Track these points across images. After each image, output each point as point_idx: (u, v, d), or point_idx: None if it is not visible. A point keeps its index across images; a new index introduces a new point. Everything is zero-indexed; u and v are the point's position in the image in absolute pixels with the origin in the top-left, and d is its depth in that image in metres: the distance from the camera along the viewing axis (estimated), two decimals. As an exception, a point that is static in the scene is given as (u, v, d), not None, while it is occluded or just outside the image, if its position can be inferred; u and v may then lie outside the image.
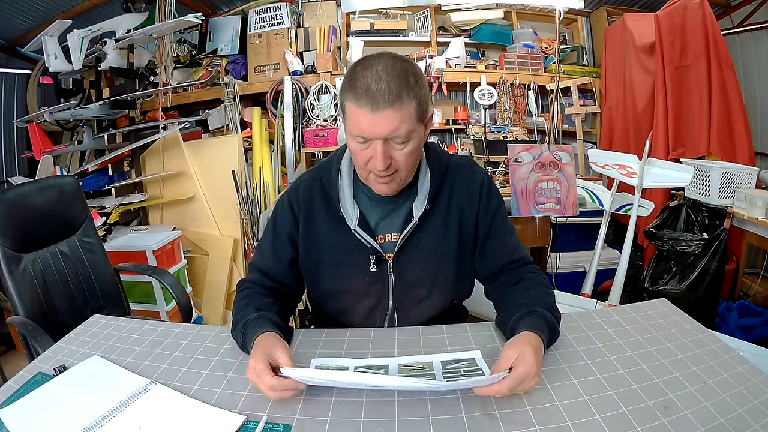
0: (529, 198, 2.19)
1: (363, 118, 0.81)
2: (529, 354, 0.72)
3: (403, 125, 0.82)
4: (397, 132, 0.82)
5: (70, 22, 2.49)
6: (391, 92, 0.79)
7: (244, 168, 2.86)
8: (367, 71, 0.81)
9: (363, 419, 0.69)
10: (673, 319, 0.97)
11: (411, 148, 0.86)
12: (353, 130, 0.84)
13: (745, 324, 2.16)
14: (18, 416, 0.71)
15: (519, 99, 3.46)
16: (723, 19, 3.32)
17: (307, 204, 0.99)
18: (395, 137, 0.83)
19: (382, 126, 0.81)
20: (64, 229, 1.64)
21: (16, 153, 3.21)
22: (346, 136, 0.89)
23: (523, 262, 1.01)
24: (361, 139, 0.84)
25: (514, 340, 0.77)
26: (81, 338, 0.96)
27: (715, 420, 0.67)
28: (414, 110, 0.83)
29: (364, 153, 0.86)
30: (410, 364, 0.82)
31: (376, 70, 0.81)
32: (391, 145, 0.84)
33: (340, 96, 0.88)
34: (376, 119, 0.80)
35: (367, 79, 0.80)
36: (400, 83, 0.80)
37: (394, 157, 0.85)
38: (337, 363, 0.83)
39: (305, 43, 3.38)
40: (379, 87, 0.79)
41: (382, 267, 0.97)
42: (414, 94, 0.82)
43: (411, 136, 0.84)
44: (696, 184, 2.36)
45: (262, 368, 0.72)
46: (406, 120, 0.82)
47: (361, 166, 0.89)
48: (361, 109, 0.81)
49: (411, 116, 0.83)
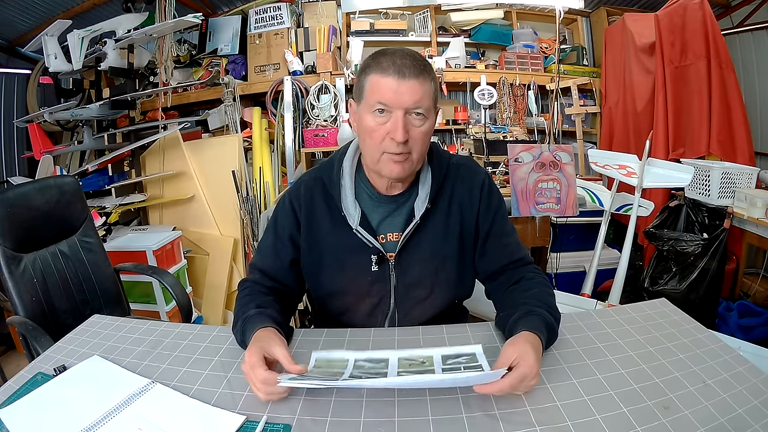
0: (529, 198, 2.19)
1: (389, 86, 0.85)
2: (530, 353, 0.72)
3: (425, 99, 0.86)
4: (420, 103, 0.86)
5: (70, 22, 2.49)
6: (416, 67, 0.85)
7: (244, 168, 2.87)
8: (390, 54, 0.87)
9: (363, 419, 0.69)
10: (673, 319, 0.97)
11: (426, 128, 0.89)
12: (375, 98, 0.86)
13: (745, 324, 2.16)
14: (18, 416, 0.71)
15: (519, 99, 3.46)
16: (723, 19, 3.32)
17: (308, 203, 0.99)
18: (417, 109, 0.86)
19: (407, 94, 0.85)
20: (64, 229, 1.64)
21: (16, 153, 3.21)
22: (361, 115, 0.90)
23: (524, 262, 1.01)
24: (381, 111, 0.86)
25: (513, 340, 0.77)
26: (81, 338, 0.96)
27: (715, 420, 0.67)
28: (432, 90, 0.88)
29: (381, 129, 0.87)
30: (410, 358, 0.82)
31: (399, 53, 0.87)
32: (409, 120, 0.87)
33: (360, 76, 0.91)
34: (402, 87, 0.84)
35: (392, 57, 0.86)
36: (421, 64, 0.87)
37: (411, 134, 0.87)
38: (338, 355, 0.83)
39: (305, 43, 3.38)
40: (404, 61, 0.85)
41: (383, 267, 0.97)
42: (432, 78, 0.88)
43: (429, 114, 0.89)
44: (696, 184, 2.36)
45: (256, 361, 0.72)
46: (427, 95, 0.87)
47: (376, 144, 0.89)
48: (387, 78, 0.85)
49: (430, 94, 0.88)
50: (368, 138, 0.90)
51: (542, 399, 0.72)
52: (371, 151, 0.91)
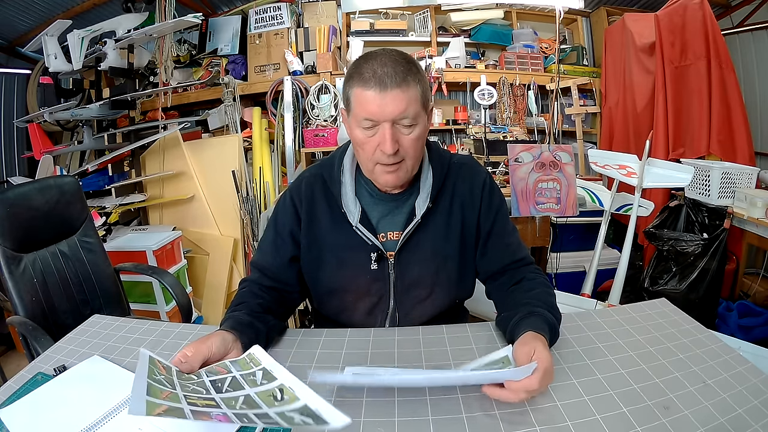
0: (529, 198, 2.19)
1: (371, 100, 0.83)
2: (544, 349, 0.73)
3: (410, 107, 0.84)
4: (405, 113, 0.84)
5: (70, 22, 2.49)
6: (397, 74, 0.82)
7: (244, 168, 2.87)
8: (371, 60, 0.85)
9: (363, 419, 0.69)
10: (673, 319, 0.97)
11: (417, 134, 0.87)
12: (361, 114, 0.85)
13: (745, 324, 2.16)
14: (18, 416, 0.71)
15: (519, 99, 3.46)
16: (723, 19, 3.32)
17: (309, 200, 0.99)
18: (403, 119, 0.85)
19: (391, 106, 0.83)
20: (64, 229, 1.64)
21: (16, 153, 3.21)
22: (352, 128, 0.90)
23: (525, 262, 1.01)
24: (368, 124, 0.85)
25: (522, 340, 0.77)
26: (81, 338, 0.96)
27: (715, 420, 0.67)
28: (419, 94, 0.85)
29: (371, 141, 0.86)
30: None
31: (380, 59, 0.84)
32: (398, 129, 0.86)
33: (345, 88, 0.89)
34: (384, 100, 0.82)
35: (372, 65, 0.83)
36: (404, 68, 0.84)
37: (401, 143, 0.86)
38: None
39: (305, 43, 3.39)
40: (385, 70, 0.82)
41: (383, 265, 0.97)
42: (418, 80, 0.85)
43: (417, 120, 0.87)
44: (696, 184, 2.36)
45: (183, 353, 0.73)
46: (413, 102, 0.84)
47: (368, 156, 0.89)
48: (369, 91, 0.83)
49: (417, 99, 0.85)
50: (360, 150, 0.90)
51: (542, 399, 0.72)
52: (365, 163, 0.92)
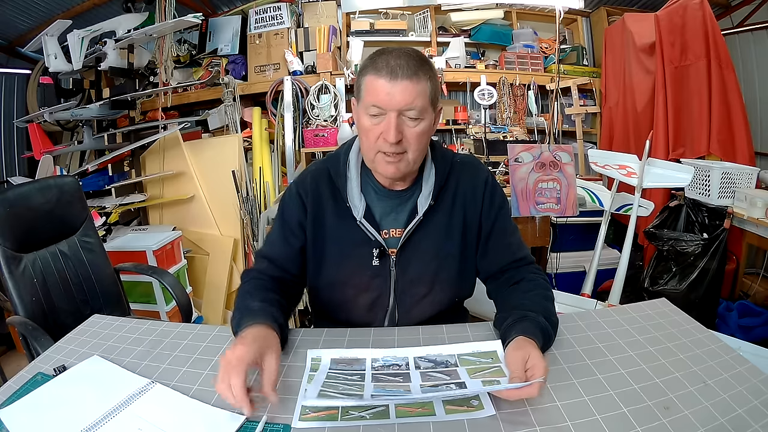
0: (529, 198, 2.19)
1: (381, 88, 0.85)
2: (537, 354, 0.73)
3: (418, 100, 0.86)
4: (412, 104, 0.85)
5: (70, 22, 2.49)
6: (409, 67, 0.85)
7: (244, 168, 2.87)
8: (387, 53, 0.88)
9: (362, 422, 0.69)
10: (673, 319, 0.97)
11: (422, 128, 0.88)
12: (369, 101, 0.87)
13: (745, 324, 2.16)
14: (18, 416, 0.71)
15: (519, 99, 3.46)
16: (723, 19, 3.32)
17: (314, 193, 0.99)
18: (409, 110, 0.86)
19: (399, 96, 0.84)
20: (64, 229, 1.63)
21: (16, 153, 3.20)
22: (359, 115, 0.91)
23: (525, 261, 1.01)
24: (375, 111, 0.87)
25: (515, 344, 0.78)
26: (81, 338, 0.96)
27: (715, 420, 0.67)
28: (429, 90, 0.87)
29: (376, 129, 0.88)
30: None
31: (395, 52, 0.87)
32: (403, 120, 0.87)
33: (358, 77, 0.91)
34: (394, 89, 0.84)
35: (387, 57, 0.86)
36: (417, 63, 0.86)
37: (405, 135, 0.87)
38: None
39: (305, 43, 3.38)
40: (399, 62, 0.85)
41: (384, 261, 0.97)
42: (429, 76, 0.87)
43: (424, 114, 0.88)
44: (696, 184, 2.36)
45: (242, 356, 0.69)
46: (421, 95, 0.86)
47: (371, 144, 0.89)
48: (380, 79, 0.85)
49: (426, 94, 0.87)
50: (364, 137, 0.91)
51: (542, 399, 0.72)
52: (367, 150, 0.93)
